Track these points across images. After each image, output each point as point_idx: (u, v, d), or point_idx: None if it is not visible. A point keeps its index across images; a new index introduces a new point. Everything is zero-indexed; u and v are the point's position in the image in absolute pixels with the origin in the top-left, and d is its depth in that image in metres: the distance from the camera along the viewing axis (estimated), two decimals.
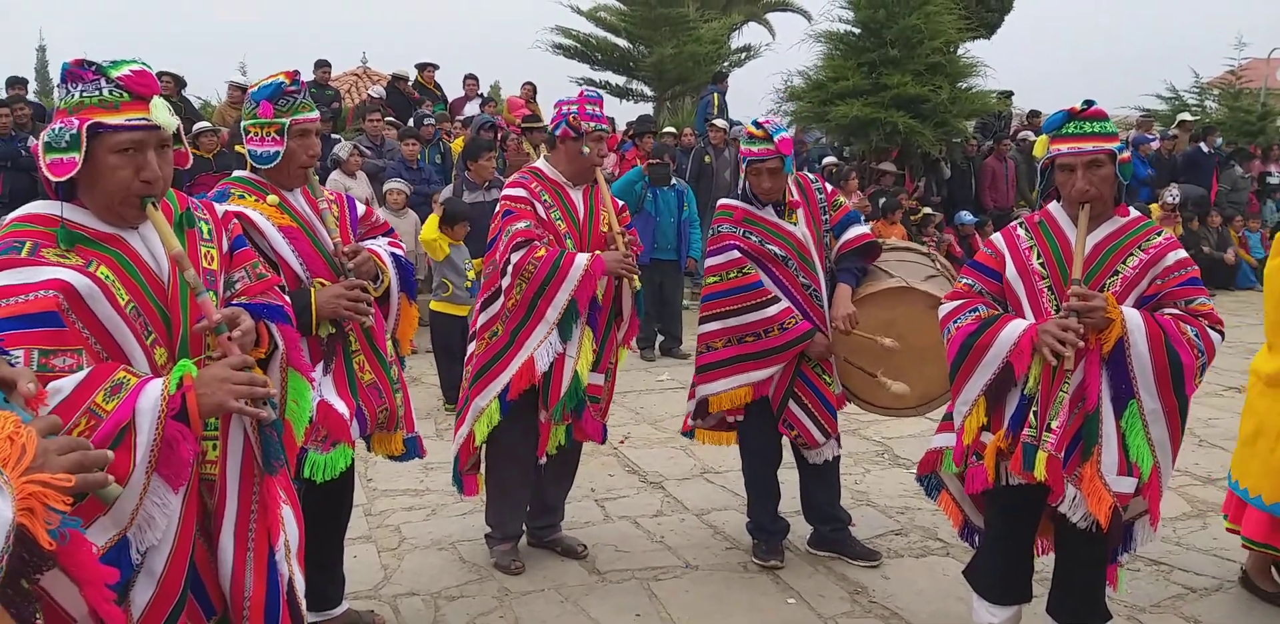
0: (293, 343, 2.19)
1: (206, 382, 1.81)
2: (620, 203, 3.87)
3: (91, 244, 1.88)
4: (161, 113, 1.89)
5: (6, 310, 1.71)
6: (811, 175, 3.92)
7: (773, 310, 3.62)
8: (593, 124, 3.60)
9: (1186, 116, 14.51)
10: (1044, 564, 3.09)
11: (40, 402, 1.40)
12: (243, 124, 2.89)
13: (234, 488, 2.02)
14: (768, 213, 3.71)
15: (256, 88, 2.88)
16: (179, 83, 10.13)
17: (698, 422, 3.97)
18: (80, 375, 1.73)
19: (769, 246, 3.66)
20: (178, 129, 1.96)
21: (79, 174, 1.86)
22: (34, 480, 1.16)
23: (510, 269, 3.49)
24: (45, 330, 1.73)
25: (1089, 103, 2.76)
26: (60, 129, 1.84)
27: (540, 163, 3.75)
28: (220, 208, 2.66)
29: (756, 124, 3.66)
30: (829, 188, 3.88)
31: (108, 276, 1.86)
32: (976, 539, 3.18)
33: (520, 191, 3.61)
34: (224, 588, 2.03)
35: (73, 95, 1.87)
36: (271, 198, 2.83)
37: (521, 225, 3.52)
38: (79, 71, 1.87)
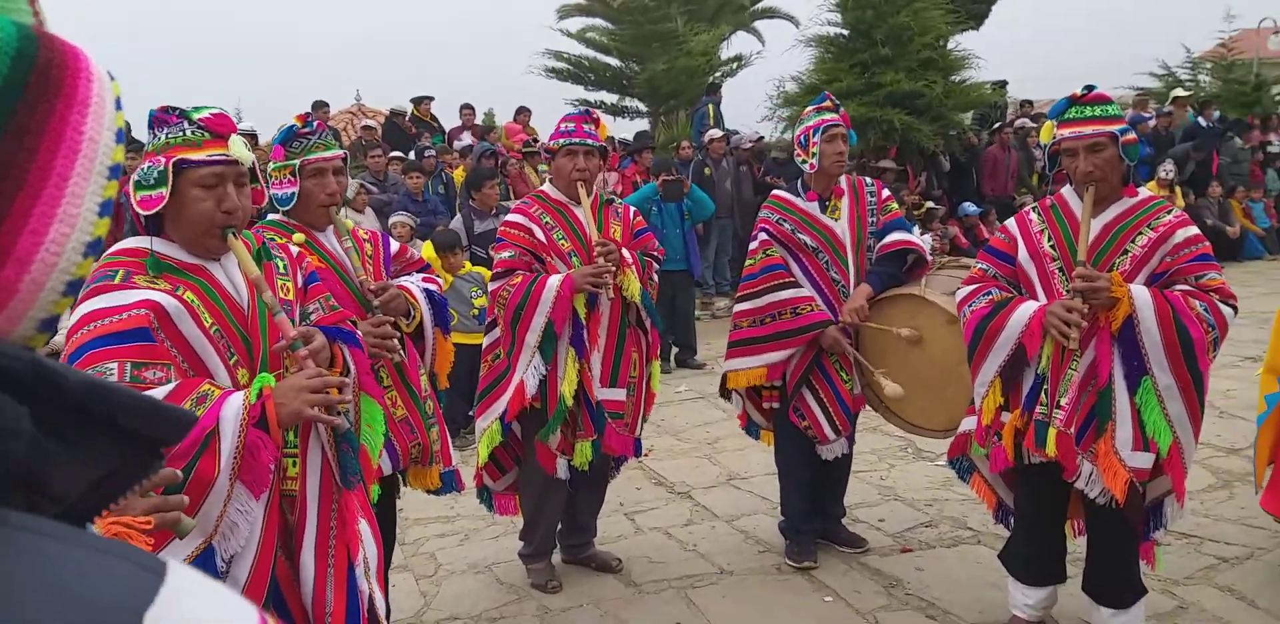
0: (364, 368, 2.30)
1: (284, 391, 1.94)
2: (633, 210, 3.93)
3: (178, 273, 2.05)
4: (239, 148, 2.07)
5: (103, 329, 1.89)
6: (868, 179, 4.02)
7: (787, 294, 3.71)
8: (562, 139, 3.65)
9: (1180, 92, 14.49)
10: (1081, 545, 3.12)
11: None
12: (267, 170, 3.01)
13: (314, 503, 2.12)
14: (810, 206, 3.81)
15: (275, 135, 3.02)
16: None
17: (757, 418, 4.05)
18: (169, 387, 1.89)
19: (800, 235, 3.76)
20: (254, 168, 2.13)
21: (166, 208, 2.03)
22: (118, 522, 1.25)
23: (492, 298, 3.60)
24: (137, 345, 1.90)
25: (1089, 87, 2.82)
26: (149, 167, 2.02)
27: (545, 185, 3.83)
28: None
29: (825, 96, 3.89)
30: (885, 194, 3.96)
31: (193, 300, 2.03)
32: (1011, 522, 3.22)
33: (517, 218, 3.68)
34: (305, 604, 2.10)
35: (159, 138, 2.05)
36: (298, 236, 2.91)
37: (505, 255, 3.61)
38: (164, 117, 2.06)
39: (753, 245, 3.87)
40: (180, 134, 2.03)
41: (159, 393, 1.86)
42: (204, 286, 2.07)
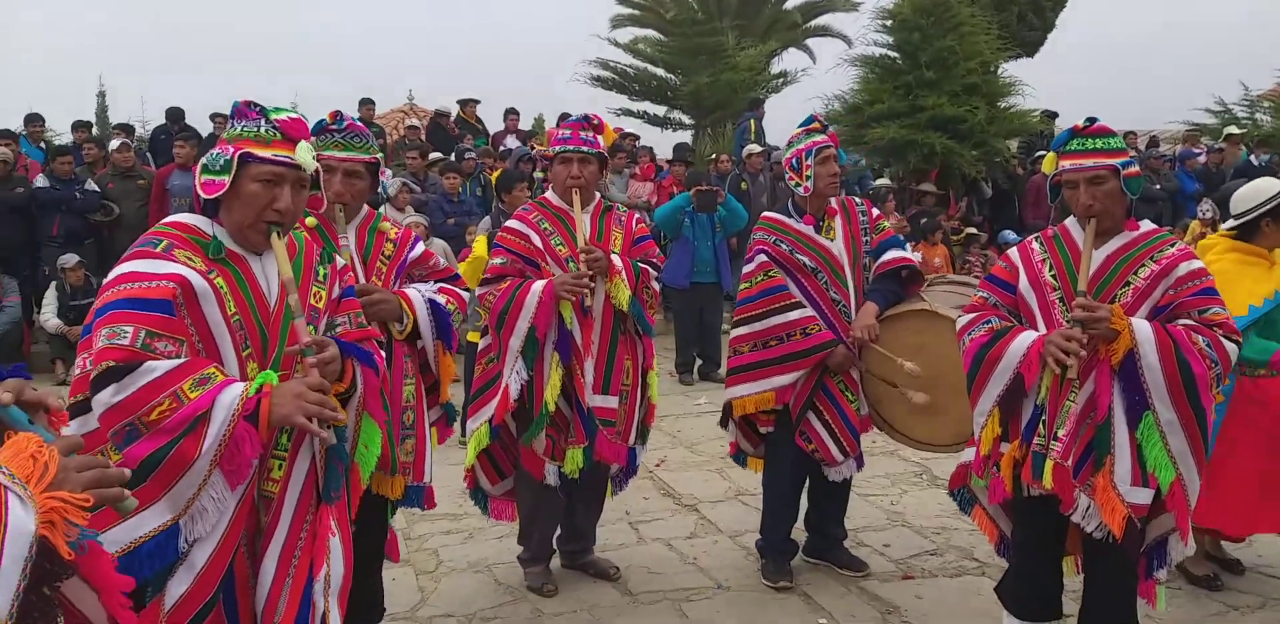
0: (372, 389, 2.29)
1: (282, 393, 1.96)
2: (636, 216, 3.91)
3: (220, 258, 2.11)
4: (305, 155, 2.14)
5: (130, 292, 1.96)
6: (858, 198, 4.01)
7: (795, 315, 3.66)
8: (557, 147, 3.66)
9: (1234, 129, 14.22)
10: (1080, 581, 3.06)
11: (63, 422, 1.50)
12: None
13: (290, 510, 2.11)
14: (805, 227, 3.78)
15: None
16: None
17: (745, 446, 4.01)
18: (175, 362, 1.93)
19: (798, 256, 3.73)
20: (316, 176, 2.21)
21: (223, 196, 2.11)
22: (54, 497, 1.25)
23: (480, 302, 3.62)
24: (156, 315, 1.95)
25: (1091, 120, 2.79)
26: (217, 154, 2.12)
27: (549, 191, 3.84)
28: None
29: (813, 118, 3.86)
30: (875, 212, 3.96)
31: (222, 286, 2.07)
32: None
33: (515, 224, 3.70)
34: (256, 609, 2.09)
35: (234, 128, 2.15)
36: (310, 220, 2.93)
37: (496, 262, 3.65)
38: (245, 110, 2.17)
39: (748, 268, 3.80)
40: (254, 129, 2.13)
41: (165, 365, 1.91)
42: (237, 276, 2.11)
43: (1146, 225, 2.85)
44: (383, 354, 2.38)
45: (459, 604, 3.81)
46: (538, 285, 3.51)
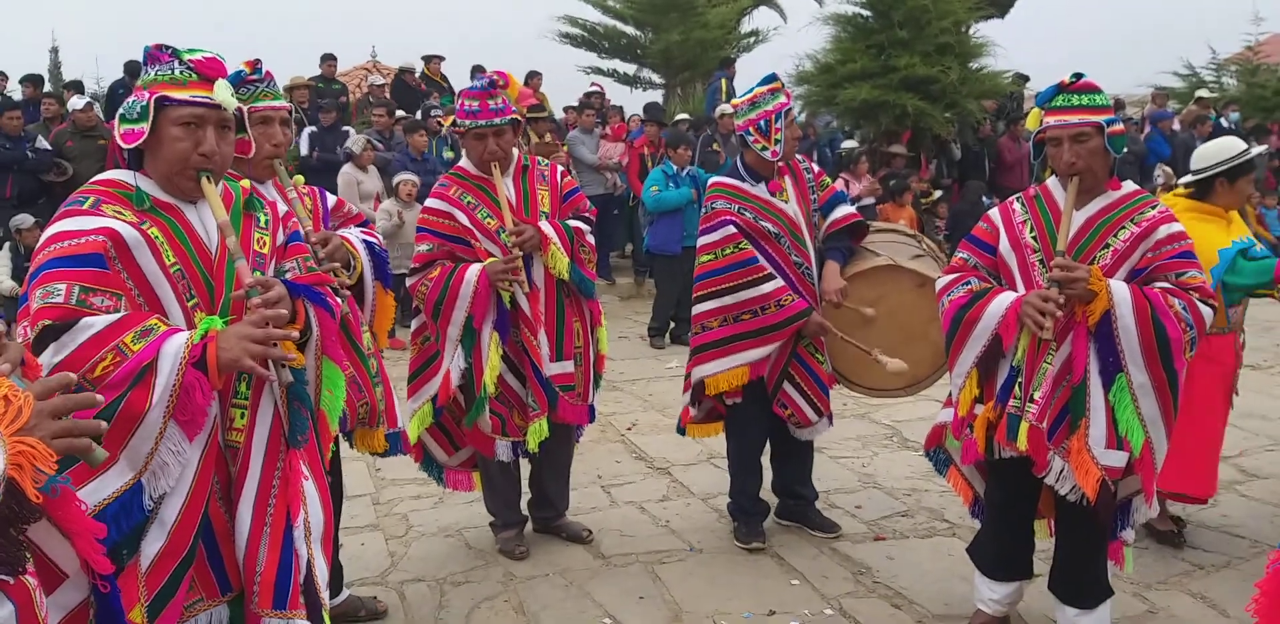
0: (329, 331, 2.23)
1: (227, 337, 1.90)
2: (560, 169, 3.80)
3: (150, 209, 2.05)
4: (223, 93, 2.06)
5: (60, 251, 1.92)
6: (799, 156, 3.91)
7: (769, 287, 3.57)
8: (467, 121, 3.49)
9: (1204, 93, 14.27)
10: (1050, 543, 3.08)
11: (36, 372, 1.45)
12: None
13: (258, 458, 2.07)
14: (759, 190, 3.69)
15: None
16: None
17: (696, 414, 3.95)
18: (115, 316, 1.88)
19: (762, 223, 3.64)
20: (241, 118, 2.13)
21: (146, 145, 2.04)
22: (23, 441, 1.22)
23: (411, 292, 3.54)
24: (89, 270, 1.90)
25: (1078, 75, 2.75)
26: (133, 102, 2.04)
27: (463, 160, 3.69)
28: None
29: (774, 76, 3.75)
30: (816, 168, 3.92)
31: (157, 237, 2.01)
32: None
33: (436, 204, 3.57)
34: (239, 559, 2.06)
35: (149, 74, 2.07)
36: (245, 182, 2.83)
37: (422, 248, 3.55)
38: (157, 54, 2.08)
39: (712, 237, 3.63)
40: (169, 72, 2.05)
41: (104, 320, 1.86)
42: (173, 225, 2.05)
43: (1129, 186, 2.82)
44: (339, 300, 2.32)
45: (430, 568, 3.78)
46: (471, 274, 3.42)
